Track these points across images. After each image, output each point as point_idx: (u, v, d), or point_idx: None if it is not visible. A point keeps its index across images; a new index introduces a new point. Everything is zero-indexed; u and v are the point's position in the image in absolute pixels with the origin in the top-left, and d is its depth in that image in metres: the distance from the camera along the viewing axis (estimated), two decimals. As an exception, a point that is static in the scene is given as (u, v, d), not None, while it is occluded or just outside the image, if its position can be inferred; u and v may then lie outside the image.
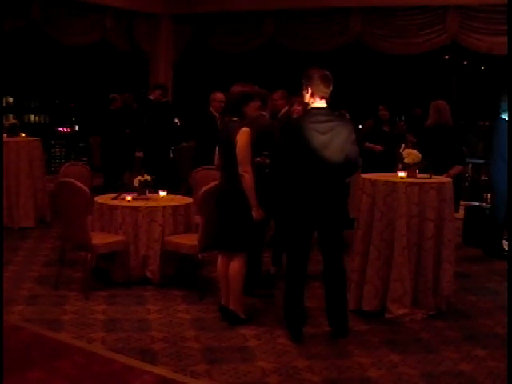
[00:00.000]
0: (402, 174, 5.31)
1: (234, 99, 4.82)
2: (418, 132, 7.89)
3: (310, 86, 4.54)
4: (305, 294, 4.68)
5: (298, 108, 6.13)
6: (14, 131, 8.42)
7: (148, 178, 6.17)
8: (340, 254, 4.66)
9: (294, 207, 4.58)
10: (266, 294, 5.53)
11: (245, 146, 4.66)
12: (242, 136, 4.66)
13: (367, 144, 8.06)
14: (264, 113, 5.79)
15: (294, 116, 6.05)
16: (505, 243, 7.31)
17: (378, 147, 7.98)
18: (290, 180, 4.58)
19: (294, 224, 4.62)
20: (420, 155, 5.38)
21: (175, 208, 5.90)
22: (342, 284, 4.66)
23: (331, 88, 4.58)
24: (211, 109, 7.86)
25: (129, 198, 6.00)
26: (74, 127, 13.75)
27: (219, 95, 7.81)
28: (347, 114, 7.82)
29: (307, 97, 4.60)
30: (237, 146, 4.66)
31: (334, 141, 4.47)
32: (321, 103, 4.56)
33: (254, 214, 4.71)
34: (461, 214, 7.85)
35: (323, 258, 4.68)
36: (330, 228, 4.60)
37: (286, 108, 6.42)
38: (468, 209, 8.11)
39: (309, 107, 4.63)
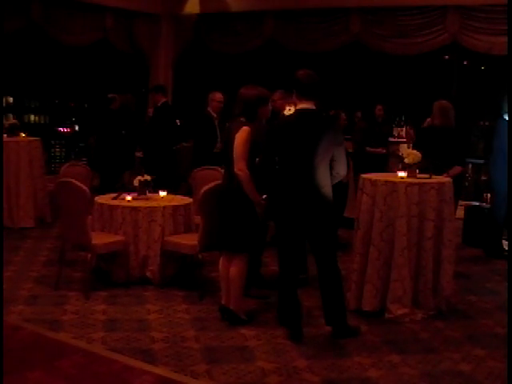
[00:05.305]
0: (401, 173, 5.30)
1: (250, 102, 4.74)
2: (419, 132, 7.90)
3: (294, 88, 4.55)
4: (304, 294, 4.67)
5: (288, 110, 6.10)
6: (13, 131, 8.43)
7: (148, 177, 6.17)
8: (332, 255, 4.62)
9: (281, 209, 4.58)
10: (261, 294, 5.51)
11: (242, 144, 4.64)
12: (241, 134, 4.65)
13: (368, 149, 8.30)
14: None
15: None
16: (505, 243, 7.32)
17: (381, 150, 8.39)
18: (276, 181, 4.56)
19: (283, 225, 4.62)
20: (420, 155, 5.38)
21: (175, 208, 5.90)
22: (337, 284, 4.61)
23: (317, 88, 4.54)
24: (209, 109, 7.84)
25: (129, 197, 6.00)
26: (74, 127, 13.72)
27: (218, 95, 7.80)
28: (343, 114, 7.83)
29: (294, 99, 4.61)
30: (234, 144, 4.66)
31: (317, 143, 4.43)
32: (307, 104, 4.53)
33: (257, 209, 4.71)
34: (461, 213, 7.84)
35: (315, 259, 4.67)
36: (318, 229, 4.56)
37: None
38: (468, 209, 8.11)
39: (296, 109, 4.62)
